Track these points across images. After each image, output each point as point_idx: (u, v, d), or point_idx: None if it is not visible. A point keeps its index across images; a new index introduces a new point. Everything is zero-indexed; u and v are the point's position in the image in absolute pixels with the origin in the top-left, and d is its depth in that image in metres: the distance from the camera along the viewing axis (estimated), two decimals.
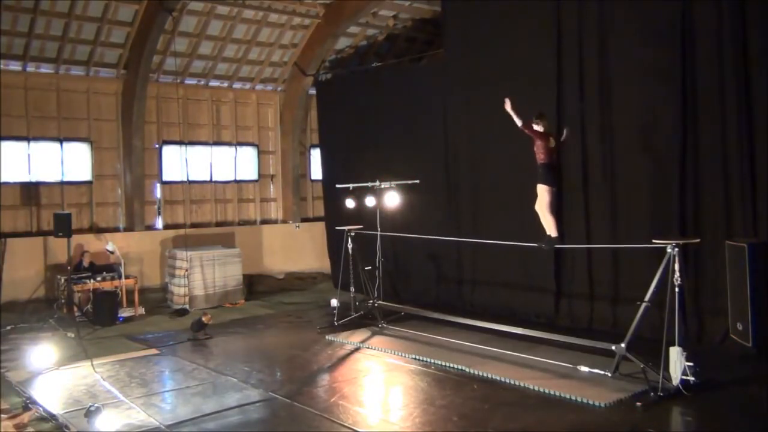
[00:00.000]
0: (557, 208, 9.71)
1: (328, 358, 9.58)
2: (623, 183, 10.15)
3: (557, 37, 10.78)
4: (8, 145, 13.52)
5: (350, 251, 11.33)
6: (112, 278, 12.68)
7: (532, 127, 8.70)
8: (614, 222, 10.26)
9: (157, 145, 15.37)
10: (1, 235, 13.02)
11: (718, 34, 8.96)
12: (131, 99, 14.44)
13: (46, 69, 13.91)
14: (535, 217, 11.12)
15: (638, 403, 7.07)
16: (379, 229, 11.58)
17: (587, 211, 10.58)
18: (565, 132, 9.11)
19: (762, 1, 8.56)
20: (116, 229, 14.74)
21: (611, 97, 10.19)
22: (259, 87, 16.83)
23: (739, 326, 8.31)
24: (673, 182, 9.51)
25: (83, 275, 12.49)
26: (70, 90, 14.27)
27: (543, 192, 8.74)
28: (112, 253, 12.98)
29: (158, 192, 15.40)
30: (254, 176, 16.99)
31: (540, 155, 8.67)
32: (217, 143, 16.30)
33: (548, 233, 8.97)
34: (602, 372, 7.97)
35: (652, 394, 7.24)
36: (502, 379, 8.10)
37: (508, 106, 8.70)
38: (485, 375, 8.29)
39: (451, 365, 8.74)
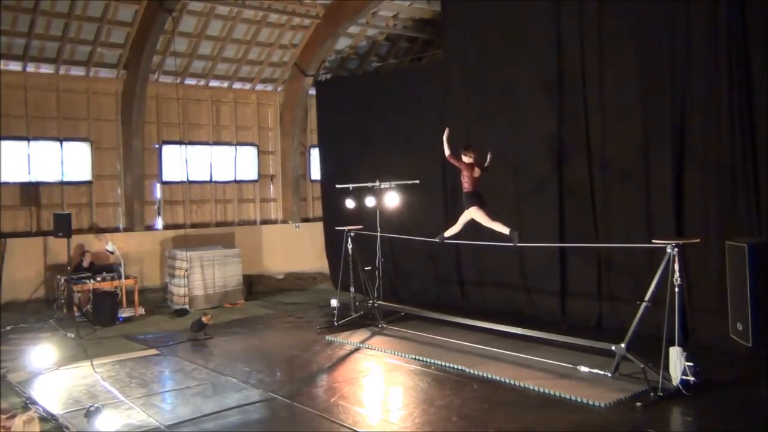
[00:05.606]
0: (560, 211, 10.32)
1: (328, 358, 9.58)
2: (621, 183, 10.15)
3: (557, 37, 10.78)
4: (8, 145, 13.51)
5: (350, 251, 11.33)
6: (112, 278, 12.69)
7: (460, 159, 9.08)
8: (612, 223, 10.26)
9: (156, 145, 15.36)
10: (1, 235, 13.00)
11: (717, 32, 8.95)
12: (131, 99, 14.43)
13: (46, 69, 13.90)
14: (532, 217, 11.18)
15: (638, 403, 7.07)
16: (378, 229, 11.58)
17: (582, 213, 10.58)
18: (489, 157, 9.37)
19: (762, 1, 8.56)
20: (116, 230, 14.72)
21: (611, 97, 10.19)
22: (259, 87, 16.82)
23: (739, 326, 8.30)
24: (672, 182, 9.51)
25: (83, 275, 12.48)
26: (70, 90, 14.25)
27: (476, 213, 9.05)
28: (112, 253, 12.99)
29: (158, 192, 15.40)
30: (254, 176, 16.98)
31: (466, 185, 9.08)
32: (217, 143, 16.29)
33: (503, 232, 8.98)
34: (602, 372, 7.98)
35: (652, 394, 7.24)
36: (502, 379, 8.10)
37: (444, 136, 9.10)
38: (485, 375, 8.29)
39: (451, 365, 8.74)
